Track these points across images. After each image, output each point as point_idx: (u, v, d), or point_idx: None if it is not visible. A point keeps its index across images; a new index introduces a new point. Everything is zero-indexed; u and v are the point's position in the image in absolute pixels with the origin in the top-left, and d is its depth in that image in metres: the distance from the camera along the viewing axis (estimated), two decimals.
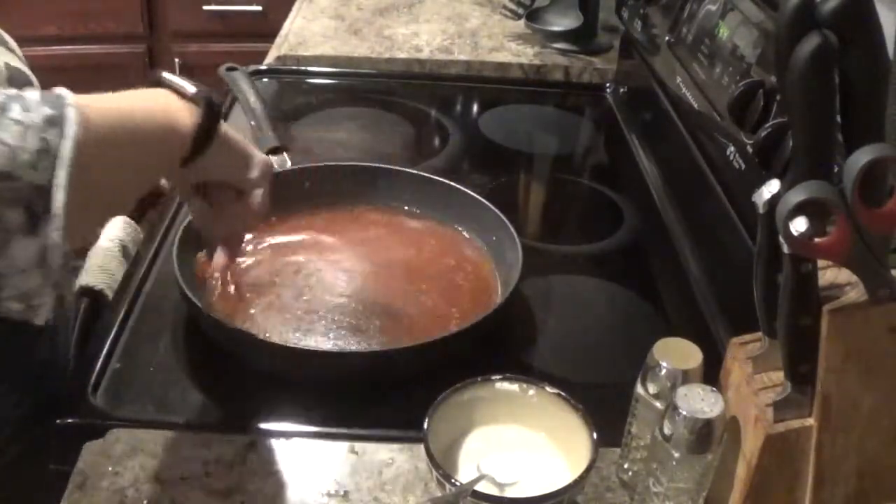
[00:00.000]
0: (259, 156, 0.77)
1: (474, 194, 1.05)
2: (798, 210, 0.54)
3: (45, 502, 0.72)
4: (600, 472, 0.74)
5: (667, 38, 1.19)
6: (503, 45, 1.65)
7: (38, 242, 0.55)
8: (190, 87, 0.71)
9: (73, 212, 0.57)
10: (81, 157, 0.57)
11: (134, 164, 0.66)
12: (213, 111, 0.70)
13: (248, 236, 0.88)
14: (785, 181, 0.58)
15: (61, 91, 0.60)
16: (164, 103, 0.70)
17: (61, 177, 0.55)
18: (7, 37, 0.86)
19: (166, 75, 0.72)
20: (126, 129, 0.65)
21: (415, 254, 1.01)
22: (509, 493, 0.69)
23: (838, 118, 0.57)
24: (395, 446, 0.77)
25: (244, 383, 0.84)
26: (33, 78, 0.77)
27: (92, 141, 0.59)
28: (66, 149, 0.56)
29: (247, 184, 0.77)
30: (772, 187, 0.59)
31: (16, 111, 0.56)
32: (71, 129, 0.57)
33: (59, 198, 0.55)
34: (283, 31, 1.68)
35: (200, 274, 0.90)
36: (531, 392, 0.74)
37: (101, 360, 0.85)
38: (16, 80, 0.79)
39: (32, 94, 0.58)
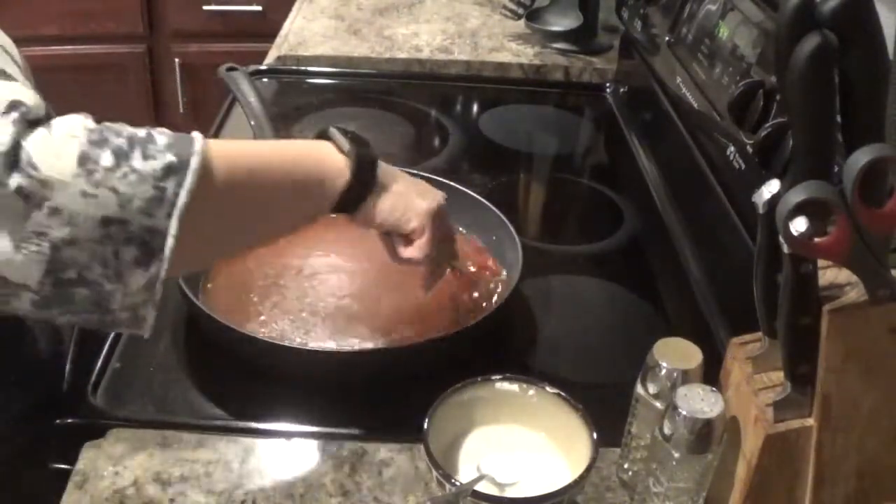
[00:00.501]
0: (421, 206, 0.79)
1: (474, 194, 1.05)
2: (798, 210, 0.54)
3: (45, 502, 0.72)
4: (600, 472, 0.74)
5: (667, 38, 1.19)
6: (503, 45, 1.65)
7: (148, 275, 0.59)
8: (345, 143, 0.73)
9: (187, 250, 0.60)
10: (197, 206, 0.59)
11: (260, 210, 0.69)
12: (365, 168, 0.74)
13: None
14: (785, 181, 0.58)
15: (195, 136, 0.62)
16: (317, 157, 0.73)
17: (173, 226, 0.58)
18: (2, 38, 0.85)
19: (333, 130, 0.75)
20: (257, 178, 0.67)
21: None
22: (509, 493, 0.69)
23: (838, 118, 0.57)
24: (395, 446, 0.77)
25: (244, 383, 0.84)
26: (19, 81, 0.77)
27: (212, 191, 0.61)
28: (182, 199, 0.59)
29: (407, 234, 0.80)
30: (772, 187, 0.59)
31: (136, 159, 0.58)
32: (189, 179, 0.59)
33: (169, 243, 0.58)
34: (283, 31, 1.68)
35: None
36: (531, 392, 0.74)
37: (101, 360, 0.85)
38: None
39: (161, 137, 0.60)
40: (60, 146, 0.56)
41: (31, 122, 0.56)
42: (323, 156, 0.73)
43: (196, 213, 0.59)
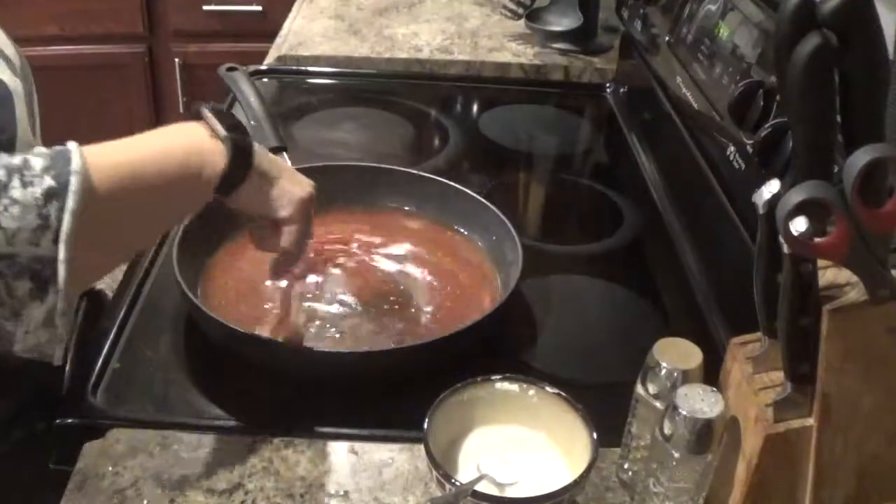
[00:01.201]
0: (296, 193, 0.78)
1: (474, 194, 1.05)
2: (798, 210, 0.54)
3: (45, 502, 0.72)
4: (600, 472, 0.74)
5: (667, 38, 1.19)
6: (503, 45, 1.65)
7: (45, 308, 0.58)
8: (221, 129, 0.72)
9: (81, 269, 0.59)
10: (83, 224, 0.58)
11: (148, 210, 0.68)
12: (241, 155, 0.72)
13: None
14: (785, 181, 0.58)
15: (70, 150, 0.61)
16: (191, 144, 0.71)
17: (62, 251, 0.58)
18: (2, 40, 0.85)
19: (205, 111, 0.73)
20: (138, 181, 0.66)
21: (414, 254, 1.01)
22: (509, 493, 0.69)
23: (838, 118, 0.57)
24: (395, 446, 0.77)
25: (244, 383, 0.84)
26: (12, 87, 0.77)
27: (96, 206, 0.60)
28: (66, 223, 0.58)
29: (278, 221, 0.78)
30: (772, 187, 0.59)
31: (15, 188, 0.57)
32: (71, 201, 0.58)
33: (61, 271, 0.58)
34: (283, 31, 1.68)
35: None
36: (531, 392, 0.74)
37: (101, 359, 0.85)
38: None
39: (37, 160, 0.59)
40: None
41: None
42: (199, 143, 0.71)
43: (83, 230, 0.58)
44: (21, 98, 0.79)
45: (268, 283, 0.92)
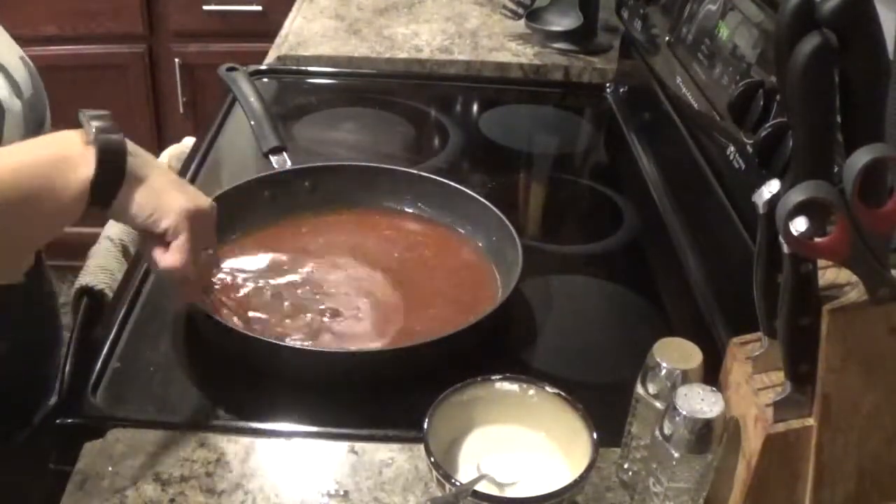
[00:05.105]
0: (175, 205, 0.71)
1: (474, 194, 1.05)
2: (798, 210, 0.54)
3: (45, 502, 0.72)
4: (600, 472, 0.74)
5: (667, 38, 1.19)
6: (503, 45, 1.65)
7: None
8: (90, 132, 0.67)
9: None
10: None
11: (18, 224, 0.65)
12: (110, 159, 0.67)
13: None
14: (785, 181, 0.58)
15: None
16: (56, 155, 0.67)
17: None
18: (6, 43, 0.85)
19: (81, 116, 0.68)
20: (5, 195, 0.63)
21: (414, 254, 1.01)
22: (509, 493, 0.69)
23: (838, 118, 0.57)
24: (395, 446, 0.77)
25: (244, 383, 0.84)
26: (7, 106, 0.77)
27: None
28: None
29: (161, 233, 0.71)
30: (772, 187, 0.59)
31: None
32: None
33: None
34: (283, 31, 1.68)
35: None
36: (531, 392, 0.74)
37: (101, 360, 0.85)
38: None
39: None
40: None
41: None
42: (66, 153, 0.67)
43: None
44: (17, 118, 0.78)
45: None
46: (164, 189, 0.71)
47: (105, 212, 0.70)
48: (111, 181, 0.68)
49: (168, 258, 0.71)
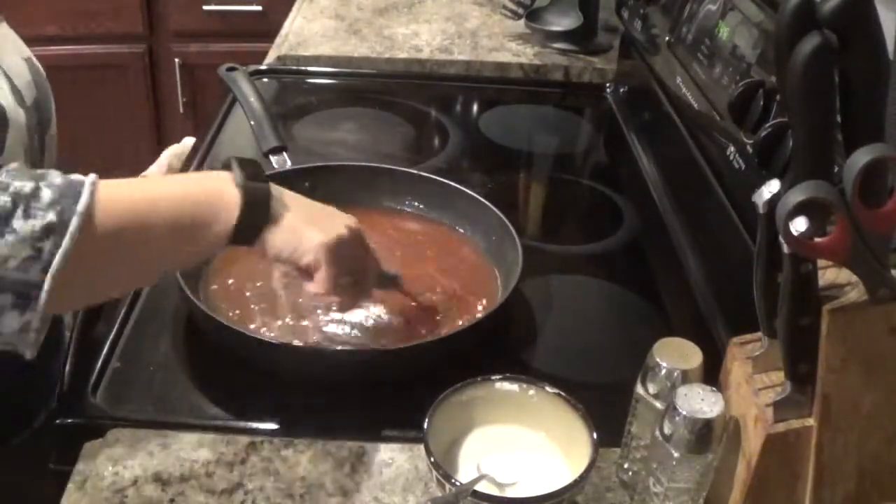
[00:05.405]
0: (313, 240, 0.75)
1: (474, 194, 1.05)
2: (798, 210, 0.54)
3: (45, 502, 0.72)
4: (600, 472, 0.74)
5: (667, 38, 1.19)
6: (503, 45, 1.65)
7: (22, 320, 0.61)
8: (239, 177, 0.71)
9: (67, 296, 0.62)
10: (74, 263, 0.60)
11: (147, 255, 0.68)
12: (256, 207, 0.71)
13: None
14: (785, 181, 0.58)
15: (83, 186, 0.62)
16: (209, 193, 0.71)
17: (48, 282, 0.60)
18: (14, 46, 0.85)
19: (232, 161, 0.73)
20: (143, 227, 0.67)
21: (414, 254, 1.01)
22: (509, 493, 0.69)
23: (838, 118, 0.57)
24: (395, 446, 0.77)
25: (244, 383, 0.84)
26: (11, 115, 0.77)
27: (93, 245, 0.62)
28: (57, 261, 0.60)
29: (303, 266, 0.76)
30: (772, 187, 0.59)
31: (18, 218, 0.59)
32: (66, 242, 0.60)
33: (43, 298, 0.60)
34: (283, 31, 1.68)
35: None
36: (531, 392, 0.74)
37: (101, 360, 0.85)
38: None
39: (47, 192, 0.61)
40: None
41: None
42: (217, 193, 0.71)
43: (75, 268, 0.60)
44: (20, 128, 0.79)
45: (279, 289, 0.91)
46: (302, 227, 0.75)
47: (250, 248, 0.74)
48: (254, 226, 0.72)
49: (312, 287, 0.77)
